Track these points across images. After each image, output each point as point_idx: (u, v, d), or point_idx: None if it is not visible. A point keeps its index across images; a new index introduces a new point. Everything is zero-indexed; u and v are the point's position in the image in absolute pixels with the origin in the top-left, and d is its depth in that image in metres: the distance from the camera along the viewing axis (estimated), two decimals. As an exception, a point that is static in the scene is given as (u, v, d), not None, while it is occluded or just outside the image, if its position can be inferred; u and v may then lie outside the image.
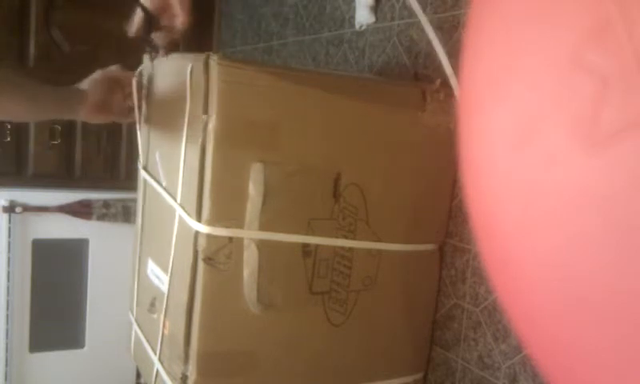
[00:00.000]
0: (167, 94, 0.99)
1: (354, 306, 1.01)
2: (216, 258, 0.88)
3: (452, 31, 1.09)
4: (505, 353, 1.00)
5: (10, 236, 1.63)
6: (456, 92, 1.03)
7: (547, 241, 0.33)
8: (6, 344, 1.67)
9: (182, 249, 0.90)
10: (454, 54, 1.06)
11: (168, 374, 0.96)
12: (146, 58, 1.07)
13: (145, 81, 1.09)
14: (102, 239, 1.77)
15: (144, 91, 1.08)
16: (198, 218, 0.87)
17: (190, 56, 0.91)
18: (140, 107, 1.07)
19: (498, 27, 0.37)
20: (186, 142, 0.91)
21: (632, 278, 0.29)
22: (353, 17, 1.37)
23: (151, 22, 0.89)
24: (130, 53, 1.09)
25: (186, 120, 0.90)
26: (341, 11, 1.43)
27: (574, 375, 0.36)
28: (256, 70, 0.87)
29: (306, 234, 0.93)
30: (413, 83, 1.15)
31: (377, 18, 1.31)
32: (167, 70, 1.00)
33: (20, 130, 1.76)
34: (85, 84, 1.01)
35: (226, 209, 0.87)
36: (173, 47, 0.96)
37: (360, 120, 0.96)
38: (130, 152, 1.95)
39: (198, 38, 2.07)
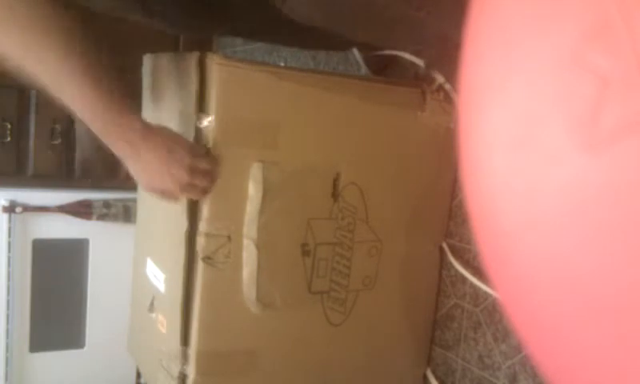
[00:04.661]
0: (167, 94, 0.99)
1: (354, 305, 1.01)
2: (215, 258, 0.88)
3: (452, 31, 1.08)
4: (505, 353, 1.00)
5: (10, 236, 1.63)
6: (455, 93, 1.03)
7: (547, 241, 0.33)
8: (6, 344, 1.66)
9: (180, 248, 0.90)
10: (454, 54, 1.06)
11: (167, 373, 0.96)
12: (146, 57, 1.07)
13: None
14: (102, 239, 1.77)
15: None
16: (197, 217, 0.87)
17: (190, 55, 0.91)
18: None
19: (497, 26, 0.37)
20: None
21: (632, 278, 0.29)
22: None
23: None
24: (130, 53, 1.09)
25: (186, 119, 0.90)
26: (341, 11, 1.42)
27: (574, 375, 0.36)
28: (256, 69, 0.87)
29: (305, 233, 0.93)
30: (413, 83, 1.15)
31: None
32: (167, 70, 1.00)
33: (20, 129, 1.76)
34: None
35: (226, 208, 0.87)
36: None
37: (360, 120, 0.96)
38: (129, 152, 1.94)
39: (198, 38, 2.06)
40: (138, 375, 1.84)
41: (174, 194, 0.79)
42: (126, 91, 0.68)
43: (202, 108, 0.86)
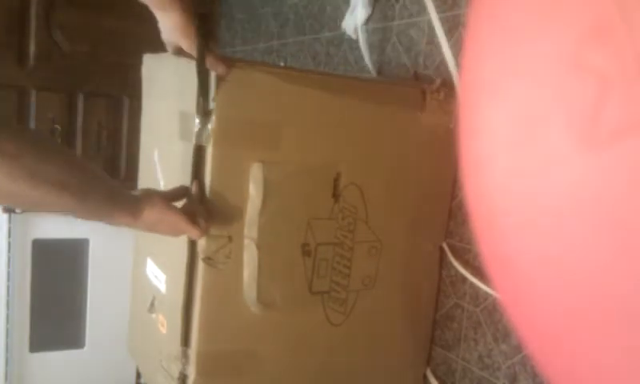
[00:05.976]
0: (167, 94, 0.99)
1: (354, 305, 1.01)
2: (216, 258, 0.88)
3: (452, 31, 1.09)
4: (505, 353, 1.00)
5: (10, 236, 1.63)
6: (457, 91, 1.03)
7: (547, 241, 0.33)
8: (6, 344, 1.67)
9: (180, 248, 0.90)
10: (454, 54, 1.06)
11: (167, 373, 0.96)
12: (146, 57, 1.07)
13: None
14: (102, 239, 1.77)
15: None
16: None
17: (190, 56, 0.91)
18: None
19: (497, 26, 0.37)
20: (185, 142, 0.91)
21: (632, 278, 0.29)
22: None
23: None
24: (130, 53, 1.09)
25: (186, 120, 0.90)
26: (341, 11, 1.43)
27: (574, 375, 0.36)
28: (256, 70, 0.87)
29: (306, 233, 0.93)
30: (413, 83, 1.15)
31: (359, 36, 1.32)
32: (167, 69, 1.00)
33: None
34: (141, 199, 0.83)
35: (226, 208, 0.87)
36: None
37: (360, 120, 0.96)
38: (130, 152, 1.95)
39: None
40: (138, 375, 1.84)
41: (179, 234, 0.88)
42: (112, 190, 0.79)
43: (203, 108, 0.86)
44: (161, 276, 1.00)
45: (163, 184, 1.01)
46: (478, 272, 1.03)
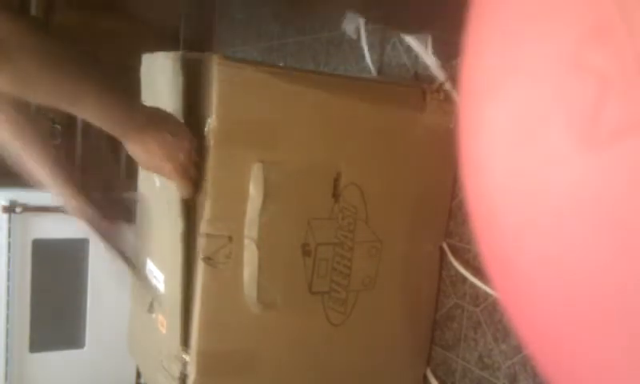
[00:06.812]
0: (166, 94, 0.99)
1: (354, 305, 1.01)
2: (216, 258, 0.88)
3: (452, 31, 1.08)
4: (505, 353, 1.00)
5: (10, 236, 1.63)
6: (457, 91, 1.03)
7: (547, 241, 0.33)
8: (6, 344, 1.66)
9: (180, 248, 0.90)
10: (454, 55, 1.06)
11: (168, 373, 0.96)
12: (145, 57, 1.07)
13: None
14: (102, 239, 1.76)
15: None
16: (197, 218, 0.87)
17: (190, 56, 0.91)
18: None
19: (497, 26, 0.37)
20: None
21: (632, 278, 0.29)
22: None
23: None
24: (130, 53, 1.09)
25: (185, 120, 0.90)
26: (341, 11, 1.43)
27: (574, 375, 0.36)
28: (256, 70, 0.87)
29: (306, 233, 0.93)
30: (413, 83, 1.15)
31: (359, 36, 1.32)
32: (166, 70, 1.00)
33: (20, 129, 1.76)
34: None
35: (227, 208, 0.87)
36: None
37: (360, 120, 0.96)
38: (129, 152, 1.94)
39: (198, 37, 2.06)
40: (138, 375, 1.84)
41: (170, 175, 0.85)
42: (123, 85, 0.79)
43: (202, 108, 0.86)
44: (159, 276, 1.00)
45: (159, 184, 1.01)
46: (478, 272, 1.03)
